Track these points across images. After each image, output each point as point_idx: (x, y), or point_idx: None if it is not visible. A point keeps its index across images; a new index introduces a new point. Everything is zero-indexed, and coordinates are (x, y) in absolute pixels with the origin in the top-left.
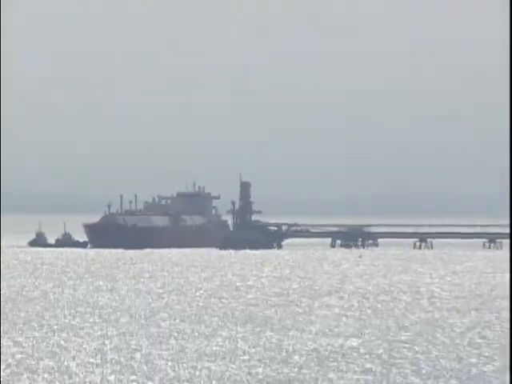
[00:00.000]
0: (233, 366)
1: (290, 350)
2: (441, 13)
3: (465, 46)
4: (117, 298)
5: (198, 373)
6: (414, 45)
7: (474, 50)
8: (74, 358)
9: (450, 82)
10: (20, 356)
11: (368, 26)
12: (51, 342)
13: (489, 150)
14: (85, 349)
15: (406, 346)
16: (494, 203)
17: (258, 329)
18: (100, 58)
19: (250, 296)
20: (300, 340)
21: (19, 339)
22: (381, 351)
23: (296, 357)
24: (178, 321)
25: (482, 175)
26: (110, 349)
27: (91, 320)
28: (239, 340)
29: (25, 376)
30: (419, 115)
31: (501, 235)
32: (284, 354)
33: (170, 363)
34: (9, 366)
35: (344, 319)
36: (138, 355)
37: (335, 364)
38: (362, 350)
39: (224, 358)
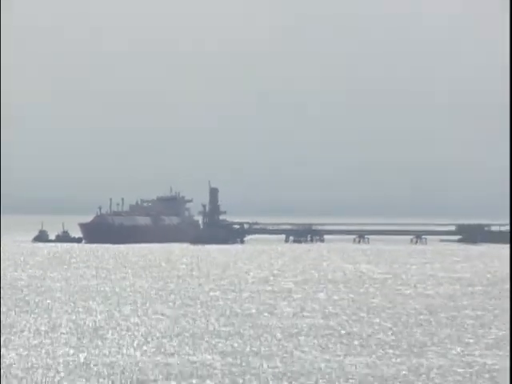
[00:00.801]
0: (201, 341)
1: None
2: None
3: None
4: (107, 282)
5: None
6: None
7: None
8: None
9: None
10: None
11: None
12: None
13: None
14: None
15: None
16: (421, 204)
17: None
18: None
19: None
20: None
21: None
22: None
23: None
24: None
25: (409, 181)
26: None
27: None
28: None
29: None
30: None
31: (426, 232)
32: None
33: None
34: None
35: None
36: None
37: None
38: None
39: (193, 336)
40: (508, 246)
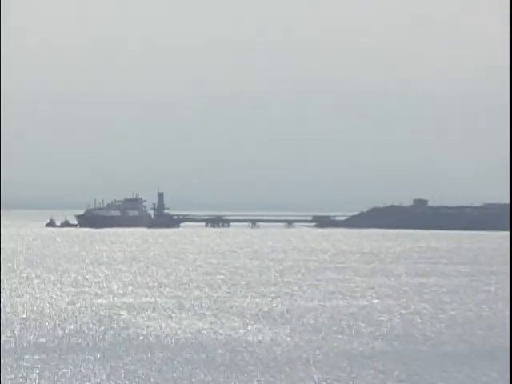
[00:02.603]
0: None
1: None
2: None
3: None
4: (94, 249)
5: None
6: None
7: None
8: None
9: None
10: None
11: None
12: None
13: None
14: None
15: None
16: (292, 202)
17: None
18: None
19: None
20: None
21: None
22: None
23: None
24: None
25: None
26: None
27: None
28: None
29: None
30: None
31: (295, 220)
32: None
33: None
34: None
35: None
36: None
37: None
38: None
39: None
40: (346, 230)
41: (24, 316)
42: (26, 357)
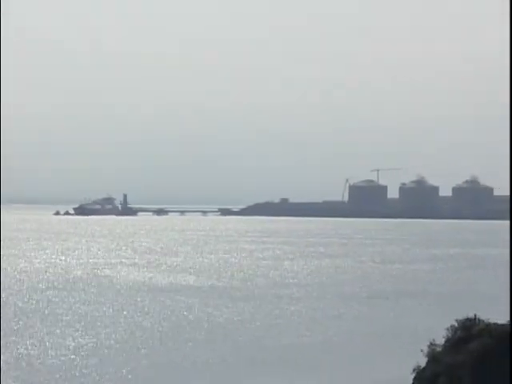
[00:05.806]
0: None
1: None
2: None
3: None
4: (86, 228)
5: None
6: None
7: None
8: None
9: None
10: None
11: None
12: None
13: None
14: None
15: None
16: (208, 196)
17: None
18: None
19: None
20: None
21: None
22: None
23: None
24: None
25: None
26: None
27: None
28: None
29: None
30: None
31: (209, 211)
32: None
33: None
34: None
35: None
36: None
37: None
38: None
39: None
40: (239, 217)
41: (34, 266)
42: (33, 293)
